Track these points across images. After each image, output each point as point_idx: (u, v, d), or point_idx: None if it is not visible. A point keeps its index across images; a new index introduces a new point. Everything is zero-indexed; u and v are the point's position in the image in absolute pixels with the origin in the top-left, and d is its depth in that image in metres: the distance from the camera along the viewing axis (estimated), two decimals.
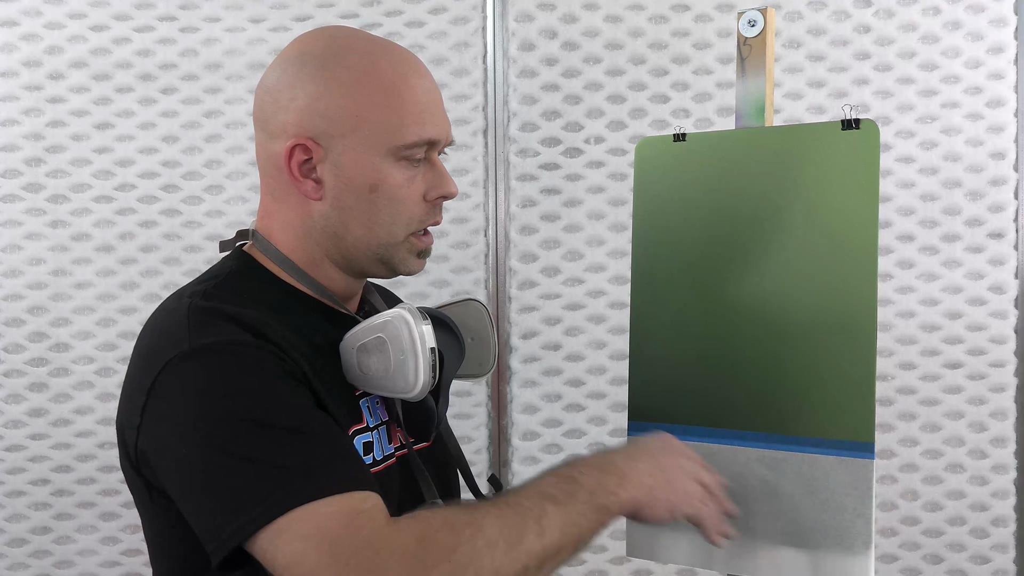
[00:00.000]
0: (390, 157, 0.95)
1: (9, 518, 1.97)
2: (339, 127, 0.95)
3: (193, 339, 0.89)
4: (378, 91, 0.95)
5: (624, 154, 1.97)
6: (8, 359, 1.96)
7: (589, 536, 0.90)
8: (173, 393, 0.88)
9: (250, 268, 1.02)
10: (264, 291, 0.99)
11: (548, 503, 0.87)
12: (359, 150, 0.95)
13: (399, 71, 0.96)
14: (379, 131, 0.95)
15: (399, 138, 0.95)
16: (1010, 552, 1.95)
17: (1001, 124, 1.93)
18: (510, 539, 0.83)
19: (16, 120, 1.95)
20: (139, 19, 1.96)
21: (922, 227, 1.94)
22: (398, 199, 0.97)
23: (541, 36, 1.97)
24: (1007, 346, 1.94)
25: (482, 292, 1.98)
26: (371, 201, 0.96)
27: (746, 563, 1.10)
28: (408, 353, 0.93)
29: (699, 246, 1.15)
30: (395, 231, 0.98)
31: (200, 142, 1.97)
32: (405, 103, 0.95)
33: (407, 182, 0.97)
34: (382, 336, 0.94)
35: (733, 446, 1.11)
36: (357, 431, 0.97)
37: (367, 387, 0.98)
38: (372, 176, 0.96)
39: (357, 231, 0.98)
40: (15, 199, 1.96)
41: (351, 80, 0.95)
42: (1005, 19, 1.92)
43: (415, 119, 0.95)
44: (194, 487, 0.86)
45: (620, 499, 0.93)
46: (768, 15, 1.15)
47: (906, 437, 1.96)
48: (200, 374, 0.87)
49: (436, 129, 0.97)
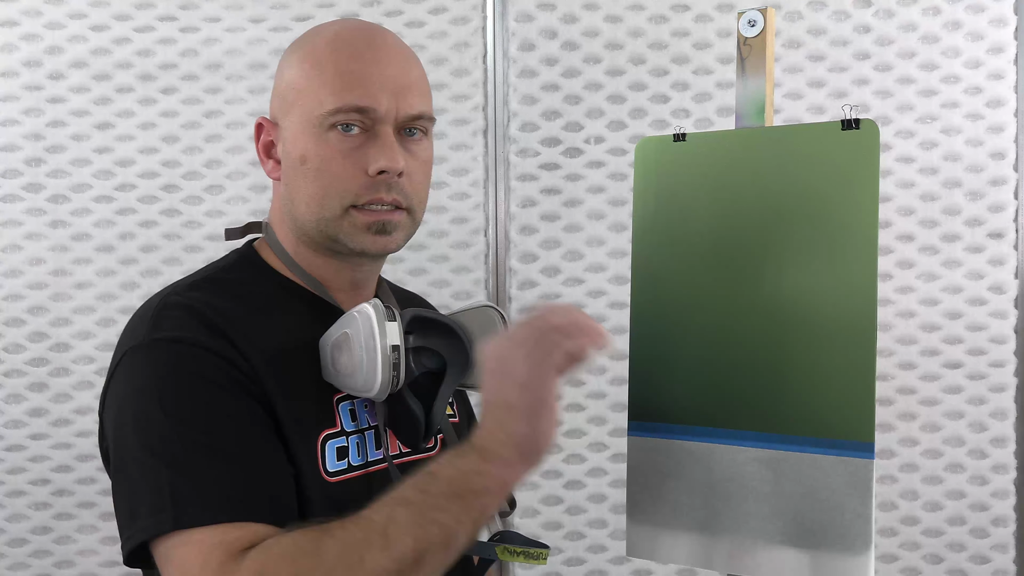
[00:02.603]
0: (319, 128, 0.95)
1: (9, 518, 1.97)
2: (285, 104, 0.98)
3: (149, 332, 0.90)
4: (314, 63, 0.96)
5: (624, 154, 1.97)
6: (8, 359, 1.96)
7: (465, 528, 0.82)
8: (120, 382, 0.90)
9: (248, 261, 1.02)
10: (254, 284, 0.98)
11: (399, 508, 0.81)
12: (297, 124, 0.96)
13: (335, 45, 0.96)
14: (309, 103, 0.95)
15: (322, 106, 0.95)
16: (1010, 552, 1.95)
17: (1001, 124, 1.93)
18: (350, 561, 0.78)
19: (16, 120, 1.95)
20: (139, 19, 1.96)
21: (922, 227, 1.94)
22: (327, 171, 0.95)
23: (541, 36, 1.97)
24: (1007, 346, 1.94)
25: (482, 292, 1.98)
26: (303, 173, 0.96)
27: (746, 563, 1.10)
28: (366, 350, 0.91)
29: (699, 246, 1.15)
30: (329, 204, 0.95)
31: (200, 142, 1.97)
32: (329, 72, 0.95)
33: (339, 154, 0.94)
34: (347, 332, 0.92)
35: (733, 446, 1.11)
36: (329, 435, 0.94)
37: (340, 385, 0.95)
38: (303, 147, 0.96)
39: (300, 206, 0.97)
40: (15, 199, 1.96)
41: (299, 57, 0.98)
42: (1005, 19, 1.92)
43: (338, 87, 0.94)
44: (113, 479, 0.90)
45: (492, 474, 0.83)
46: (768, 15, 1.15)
47: (906, 437, 1.96)
48: (142, 367, 0.89)
49: (368, 98, 0.94)
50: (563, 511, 2.00)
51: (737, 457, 1.11)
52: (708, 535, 1.12)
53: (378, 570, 0.78)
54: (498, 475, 0.84)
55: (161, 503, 0.83)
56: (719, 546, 1.11)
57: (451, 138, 1.97)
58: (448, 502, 0.81)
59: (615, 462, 1.99)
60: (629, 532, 1.17)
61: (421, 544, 0.80)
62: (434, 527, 0.80)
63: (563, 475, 2.00)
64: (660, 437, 1.16)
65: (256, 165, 1.97)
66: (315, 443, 0.93)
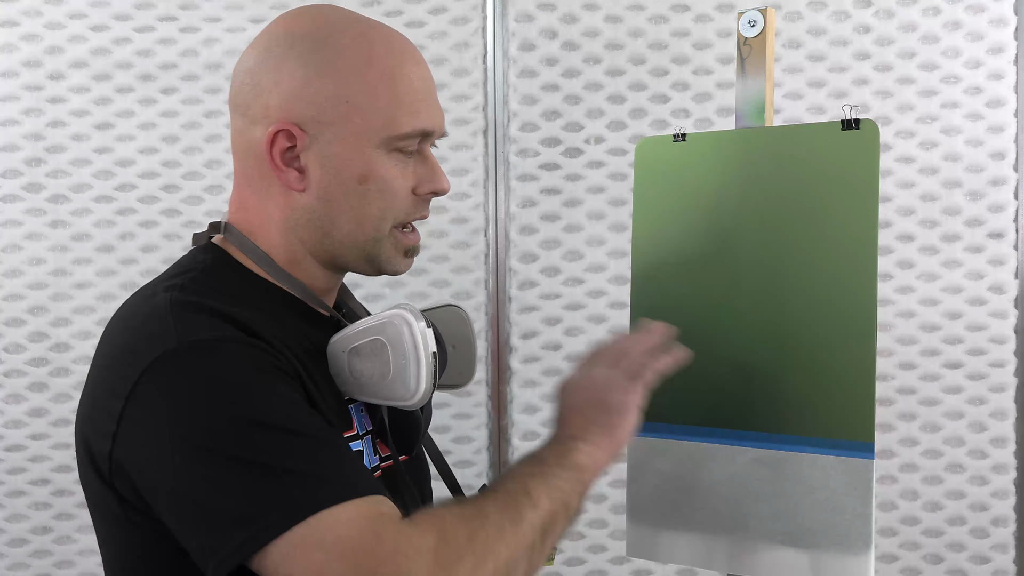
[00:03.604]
0: (383, 148, 0.90)
1: (9, 518, 1.97)
2: (328, 114, 0.88)
3: (181, 335, 0.81)
4: (373, 78, 0.89)
5: (624, 154, 1.97)
6: (8, 359, 1.96)
7: (575, 498, 0.90)
8: (160, 396, 0.80)
9: (225, 263, 0.95)
10: (242, 288, 0.92)
11: (527, 479, 0.87)
12: (350, 139, 0.89)
13: (395, 56, 0.90)
14: (372, 120, 0.89)
15: (393, 128, 0.89)
16: (1010, 552, 1.95)
17: (1001, 124, 1.93)
18: (513, 518, 0.82)
19: (16, 120, 1.95)
20: (139, 19, 1.96)
21: (922, 227, 1.94)
22: (389, 192, 0.91)
23: (541, 36, 1.97)
24: (1007, 346, 1.94)
25: (482, 292, 1.98)
26: (361, 193, 0.90)
27: (746, 563, 1.10)
28: (410, 358, 0.88)
29: (699, 246, 1.15)
30: (382, 225, 0.92)
31: (200, 142, 1.97)
32: (400, 91, 0.89)
33: (399, 174, 0.91)
34: (380, 339, 0.89)
35: (733, 446, 1.11)
36: (348, 438, 0.92)
37: (359, 393, 0.92)
38: (363, 167, 0.89)
39: (345, 225, 0.92)
40: (15, 199, 1.96)
41: (343, 64, 0.89)
42: (1005, 19, 1.92)
43: (410, 108, 0.90)
44: (189, 498, 0.77)
45: (589, 452, 0.93)
46: (768, 15, 1.15)
47: (906, 437, 1.96)
48: (192, 374, 0.80)
49: (431, 120, 0.92)
50: None
51: (737, 457, 1.11)
52: (708, 535, 1.12)
53: (534, 526, 0.83)
54: (594, 454, 0.93)
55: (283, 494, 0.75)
56: (719, 546, 1.11)
57: (451, 138, 1.97)
58: (563, 472, 0.89)
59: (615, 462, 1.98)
60: (629, 532, 1.17)
61: (554, 506, 0.86)
62: (558, 493, 0.87)
63: None
64: (660, 437, 1.16)
65: None
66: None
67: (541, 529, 0.84)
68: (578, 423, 0.96)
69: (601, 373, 1.00)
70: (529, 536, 0.83)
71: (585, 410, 0.97)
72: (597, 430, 0.95)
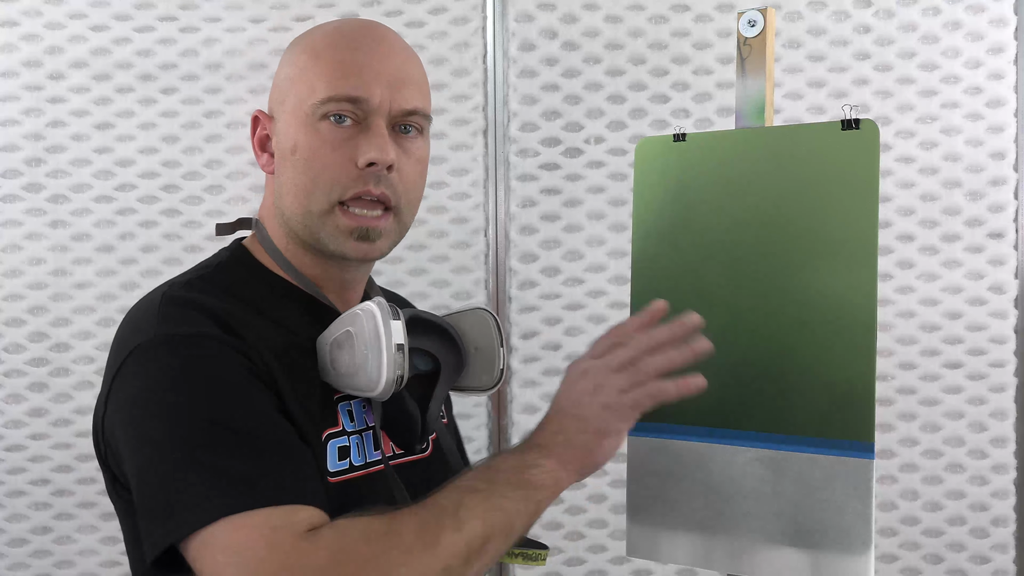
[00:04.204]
0: (311, 117, 0.93)
1: (9, 518, 1.97)
2: (279, 96, 0.97)
3: (160, 328, 0.87)
4: (311, 55, 0.95)
5: (624, 154, 1.97)
6: (8, 359, 1.96)
7: (522, 519, 0.86)
8: (133, 380, 0.86)
9: (239, 260, 1.00)
10: (248, 284, 0.97)
11: (466, 495, 0.84)
12: (290, 113, 0.95)
13: (334, 37, 0.96)
14: (302, 92, 0.94)
15: (314, 94, 0.93)
16: (1010, 552, 1.95)
17: (1001, 124, 1.93)
18: (427, 540, 0.80)
19: (16, 120, 1.95)
20: (139, 19, 1.96)
21: (922, 227, 1.94)
22: (316, 161, 0.93)
23: (541, 36, 1.97)
24: (1007, 346, 1.94)
25: (482, 292, 1.98)
26: (292, 164, 0.94)
27: (746, 563, 1.10)
28: (371, 348, 0.89)
29: (699, 246, 1.15)
30: (317, 197, 0.93)
31: (200, 142, 1.97)
32: (323, 62, 0.94)
33: (329, 145, 0.93)
34: (350, 330, 0.91)
35: (733, 446, 1.11)
36: (331, 435, 0.93)
37: (338, 385, 0.94)
38: (293, 138, 0.94)
39: (289, 200, 0.95)
40: (15, 199, 1.96)
41: (298, 50, 0.97)
42: (1005, 19, 1.92)
43: (332, 76, 0.93)
44: (139, 478, 0.83)
45: (550, 471, 0.89)
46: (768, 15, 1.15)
47: (906, 437, 1.96)
48: (161, 363, 0.85)
49: (362, 88, 0.92)
50: (563, 511, 2.00)
51: (737, 457, 1.11)
52: (708, 535, 1.12)
53: (452, 551, 0.81)
54: (555, 474, 0.89)
55: (207, 492, 0.79)
56: (719, 546, 1.11)
57: (451, 138, 1.97)
58: (511, 491, 0.86)
59: (615, 462, 1.96)
60: (629, 532, 1.17)
61: (488, 529, 0.83)
62: (499, 513, 0.84)
63: None
64: (660, 437, 1.16)
65: (256, 165, 1.97)
66: (318, 442, 0.92)
67: (463, 554, 0.81)
68: (553, 433, 0.92)
69: (603, 376, 0.95)
70: (443, 560, 0.80)
71: (566, 420, 0.93)
72: (570, 449, 0.91)
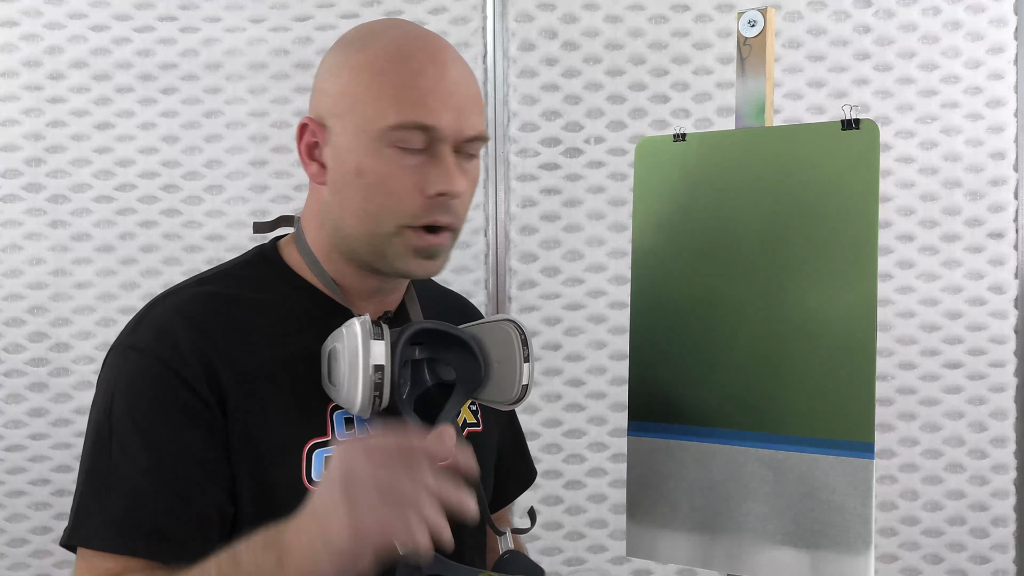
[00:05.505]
0: (379, 142, 0.90)
1: (9, 518, 1.97)
2: (339, 107, 0.93)
3: (128, 334, 0.94)
4: (375, 72, 0.91)
5: (624, 154, 1.97)
6: (8, 359, 1.96)
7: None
8: (100, 377, 0.95)
9: (264, 258, 1.01)
10: (264, 283, 0.97)
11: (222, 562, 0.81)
12: (352, 132, 0.92)
13: (400, 54, 0.92)
14: (370, 113, 0.91)
15: (382, 120, 0.90)
16: (1010, 552, 1.95)
17: (1001, 124, 1.93)
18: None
19: (16, 120, 1.95)
20: (139, 19, 1.96)
21: (922, 227, 1.94)
22: (384, 188, 0.91)
23: (541, 36, 1.97)
24: (1007, 346, 1.94)
25: (482, 292, 1.98)
26: (357, 187, 0.92)
27: (746, 563, 1.10)
28: (351, 366, 0.88)
29: (699, 246, 1.15)
30: (383, 222, 0.92)
31: (200, 142, 1.97)
32: (396, 85, 0.90)
33: (399, 171, 0.91)
34: (337, 346, 0.91)
35: (733, 446, 1.11)
36: (317, 444, 0.93)
37: (332, 396, 0.93)
38: (358, 160, 0.91)
39: (350, 219, 0.94)
40: (15, 199, 1.96)
41: (357, 62, 0.93)
42: (1005, 19, 1.92)
43: (404, 102, 0.90)
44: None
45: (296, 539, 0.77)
46: (768, 15, 1.15)
47: (906, 437, 1.96)
48: (109, 370, 0.94)
49: (432, 116, 0.90)
50: (563, 511, 2.00)
51: (737, 457, 1.11)
52: (708, 535, 1.12)
53: None
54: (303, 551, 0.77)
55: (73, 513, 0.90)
56: (719, 546, 1.11)
57: None
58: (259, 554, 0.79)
59: (615, 462, 1.99)
60: (629, 532, 1.17)
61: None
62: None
63: (563, 475, 2.00)
64: (660, 437, 1.16)
65: (256, 165, 1.97)
66: (300, 453, 0.92)
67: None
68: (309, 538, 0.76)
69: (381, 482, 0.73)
70: None
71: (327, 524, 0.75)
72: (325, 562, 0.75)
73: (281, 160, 1.97)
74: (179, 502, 0.88)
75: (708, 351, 1.14)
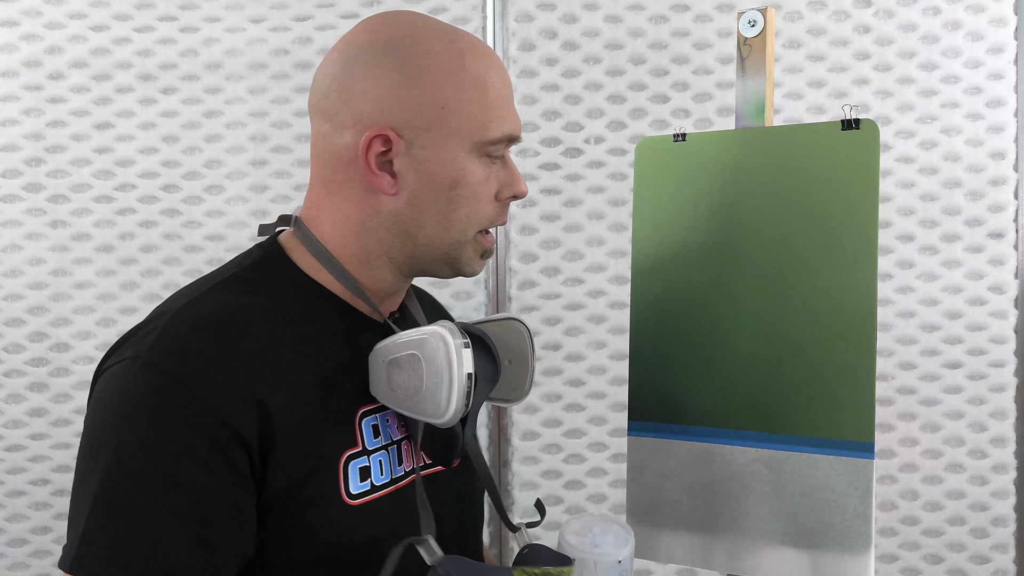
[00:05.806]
0: (473, 153, 0.92)
1: (9, 518, 1.97)
2: (423, 119, 0.90)
3: (150, 347, 0.84)
4: (465, 83, 0.91)
5: (624, 154, 1.97)
6: (8, 359, 1.96)
7: None
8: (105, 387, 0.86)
9: (274, 259, 0.96)
10: (278, 287, 0.93)
11: None
12: (443, 144, 0.90)
13: (483, 62, 0.93)
14: (465, 125, 0.90)
15: (484, 133, 0.91)
16: (1010, 552, 1.95)
17: (1001, 124, 1.93)
18: None
19: (16, 120, 1.95)
20: (139, 19, 1.96)
21: (922, 227, 1.95)
22: (475, 197, 0.93)
23: (541, 36, 1.97)
24: (1007, 346, 1.94)
25: (482, 292, 1.98)
26: (451, 199, 0.92)
27: (746, 563, 1.10)
28: (443, 376, 0.86)
29: (699, 246, 1.15)
30: (468, 230, 0.94)
31: (200, 142, 1.97)
32: (489, 96, 0.92)
33: (485, 180, 0.93)
34: (416, 354, 0.87)
35: (733, 446, 1.11)
36: (352, 456, 0.90)
37: (394, 405, 0.90)
38: (455, 172, 0.91)
39: (430, 229, 0.93)
40: (15, 199, 1.96)
41: (437, 70, 0.90)
42: (1005, 19, 1.92)
43: (498, 113, 0.92)
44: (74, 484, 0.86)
45: None
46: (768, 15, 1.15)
47: (906, 437, 1.96)
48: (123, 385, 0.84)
49: (515, 124, 0.94)
50: (563, 511, 2.00)
51: (737, 457, 1.11)
52: (708, 535, 1.12)
53: None
54: None
55: (78, 539, 0.81)
56: (719, 546, 1.11)
57: None
58: None
59: (615, 462, 1.99)
60: None
61: None
62: None
63: (563, 475, 2.00)
64: (660, 437, 1.16)
65: (256, 165, 1.97)
66: (337, 466, 0.89)
67: None
68: None
69: None
70: None
71: None
72: None
73: (281, 160, 1.97)
74: (199, 548, 0.81)
75: (708, 351, 1.14)
